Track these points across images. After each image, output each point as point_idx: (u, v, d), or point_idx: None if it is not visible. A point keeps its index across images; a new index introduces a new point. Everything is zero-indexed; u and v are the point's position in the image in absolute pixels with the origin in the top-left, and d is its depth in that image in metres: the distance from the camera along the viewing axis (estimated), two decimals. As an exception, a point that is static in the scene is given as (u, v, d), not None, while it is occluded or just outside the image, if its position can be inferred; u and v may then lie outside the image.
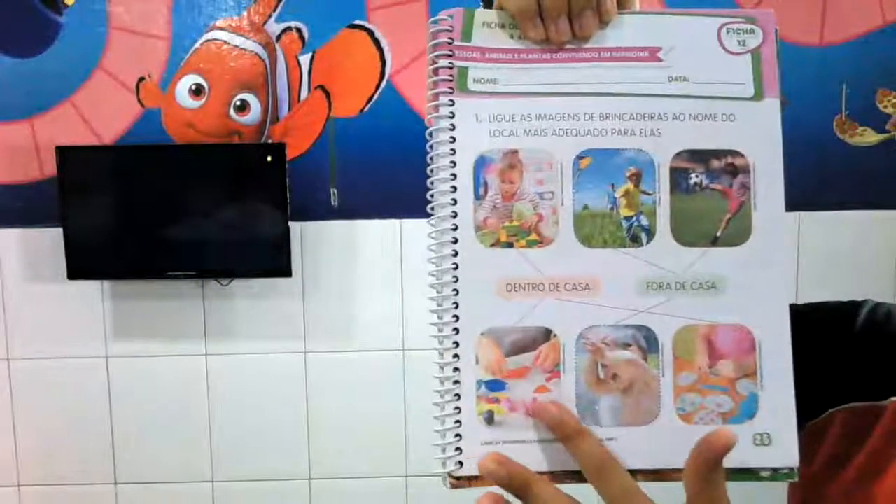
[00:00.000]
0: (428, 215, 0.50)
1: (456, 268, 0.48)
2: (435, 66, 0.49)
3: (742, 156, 0.49)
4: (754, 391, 0.48)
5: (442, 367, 0.49)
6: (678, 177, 0.49)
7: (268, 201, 2.08)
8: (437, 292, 0.49)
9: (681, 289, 0.49)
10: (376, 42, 2.16)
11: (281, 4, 2.15)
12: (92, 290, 2.22)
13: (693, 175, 0.49)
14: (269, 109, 2.18)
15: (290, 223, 2.09)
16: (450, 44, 0.49)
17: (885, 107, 2.22)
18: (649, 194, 0.49)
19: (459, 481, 0.49)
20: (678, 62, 0.50)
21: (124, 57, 2.15)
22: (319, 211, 2.21)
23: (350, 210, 2.21)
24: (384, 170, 2.20)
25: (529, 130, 0.49)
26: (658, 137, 0.49)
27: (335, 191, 2.21)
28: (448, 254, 0.48)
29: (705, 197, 0.49)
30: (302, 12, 2.15)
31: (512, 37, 0.50)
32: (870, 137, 2.23)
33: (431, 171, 0.49)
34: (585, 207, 0.48)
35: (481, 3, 2.15)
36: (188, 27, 2.15)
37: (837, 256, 2.25)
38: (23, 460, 2.29)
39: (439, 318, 0.49)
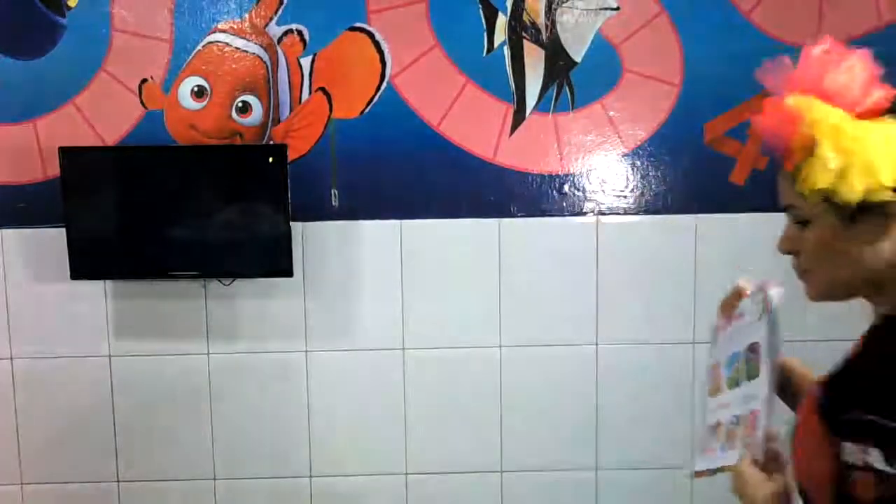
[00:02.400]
0: (428, 216, 0.53)
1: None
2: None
3: (758, 344, 1.00)
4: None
5: (702, 436, 1.13)
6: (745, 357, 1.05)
7: (269, 202, 2.10)
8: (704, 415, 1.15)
9: (747, 399, 1.02)
10: (377, 44, 2.17)
11: (282, 7, 2.17)
12: (95, 290, 2.23)
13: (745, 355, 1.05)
14: (270, 111, 2.20)
15: (292, 223, 2.11)
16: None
17: (881, 108, 2.23)
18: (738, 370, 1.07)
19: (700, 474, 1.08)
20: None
21: (127, 59, 2.17)
22: (320, 211, 2.22)
23: (350, 210, 2.23)
24: (384, 171, 2.21)
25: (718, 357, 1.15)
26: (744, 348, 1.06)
27: (336, 191, 2.23)
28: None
29: (748, 363, 1.03)
30: (303, 15, 2.17)
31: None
32: (865, 138, 2.24)
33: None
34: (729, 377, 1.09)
35: (479, 6, 2.16)
36: (190, 29, 2.17)
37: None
38: (25, 459, 2.30)
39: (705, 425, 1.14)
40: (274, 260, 2.12)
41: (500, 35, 2.19)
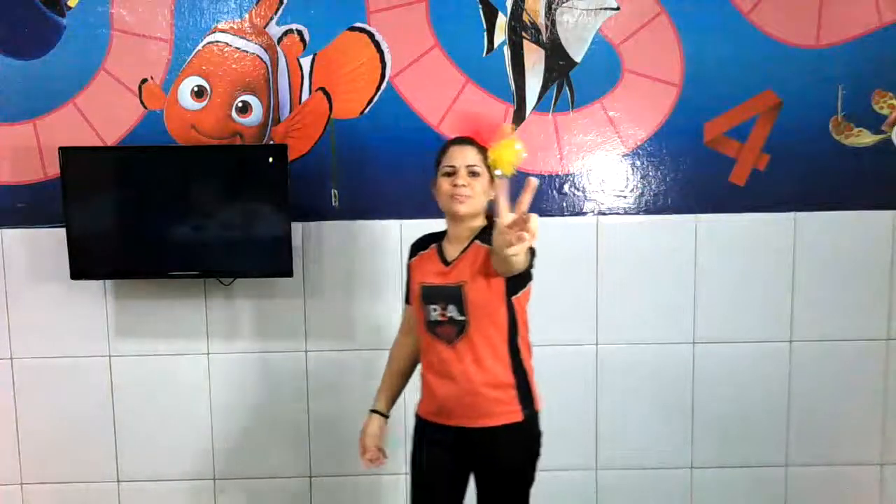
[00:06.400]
0: (427, 216, 0.53)
1: None
2: None
3: None
4: None
5: None
6: None
7: (269, 202, 2.10)
8: None
9: None
10: (376, 44, 2.18)
11: (282, 7, 2.17)
12: (95, 290, 2.24)
13: None
14: (270, 111, 2.20)
15: (292, 223, 2.11)
16: None
17: (881, 108, 2.24)
18: None
19: None
20: None
21: (127, 59, 2.17)
22: (320, 211, 2.23)
23: (350, 210, 2.23)
24: (384, 171, 2.21)
25: None
26: None
27: (336, 191, 2.23)
28: None
29: None
30: (303, 15, 2.17)
31: None
32: (865, 138, 2.25)
33: None
34: None
35: (479, 5, 2.17)
36: (190, 29, 2.17)
37: (832, 255, 2.26)
38: (25, 459, 2.31)
39: None
40: (274, 260, 2.12)
41: (500, 35, 2.19)
